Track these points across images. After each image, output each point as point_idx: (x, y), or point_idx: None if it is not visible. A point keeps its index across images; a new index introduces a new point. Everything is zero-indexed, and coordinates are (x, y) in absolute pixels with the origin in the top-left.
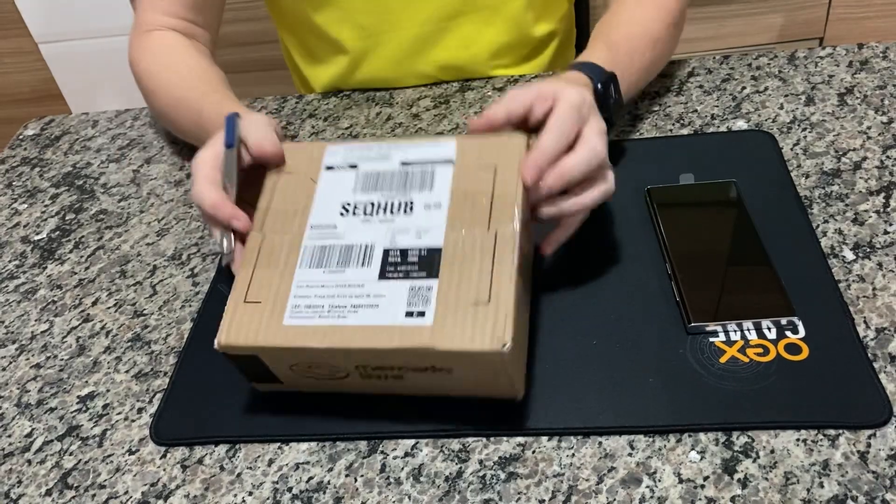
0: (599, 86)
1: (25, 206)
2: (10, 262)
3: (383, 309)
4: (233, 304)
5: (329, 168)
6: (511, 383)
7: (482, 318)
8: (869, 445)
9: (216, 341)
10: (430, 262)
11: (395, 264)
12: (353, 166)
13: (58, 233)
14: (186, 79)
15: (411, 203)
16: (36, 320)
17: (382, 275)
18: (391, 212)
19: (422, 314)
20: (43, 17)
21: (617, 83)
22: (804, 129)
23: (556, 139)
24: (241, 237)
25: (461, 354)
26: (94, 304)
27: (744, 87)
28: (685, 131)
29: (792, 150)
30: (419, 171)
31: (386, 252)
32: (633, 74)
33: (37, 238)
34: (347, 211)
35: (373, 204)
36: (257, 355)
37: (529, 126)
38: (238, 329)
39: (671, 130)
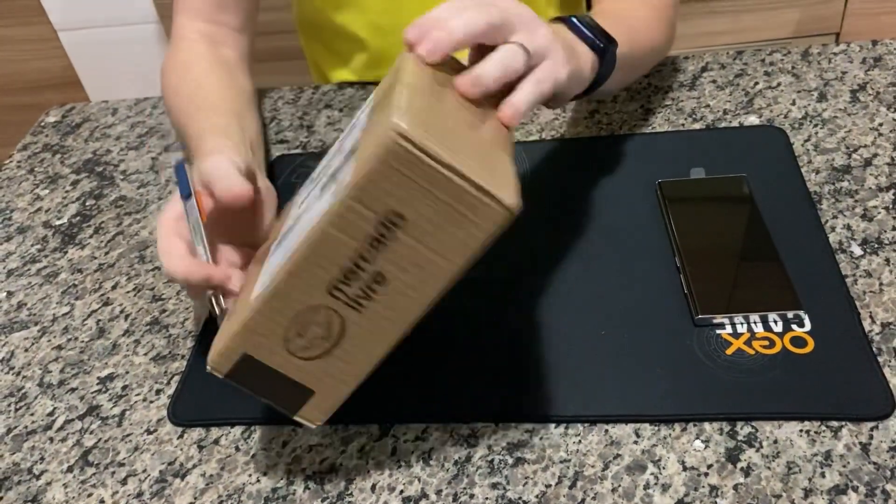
0: (574, 19)
1: (47, 191)
2: (32, 246)
3: (305, 221)
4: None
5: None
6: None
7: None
8: (871, 437)
9: (208, 366)
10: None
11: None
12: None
13: (78, 218)
14: (192, 100)
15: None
16: (57, 303)
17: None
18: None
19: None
20: (62, 4)
21: (598, 24)
22: (815, 126)
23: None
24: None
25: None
26: (113, 288)
27: (756, 83)
28: (697, 126)
29: (803, 145)
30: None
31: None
32: (622, 36)
33: (58, 223)
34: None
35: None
36: (248, 353)
37: None
38: (217, 342)
39: (683, 125)
